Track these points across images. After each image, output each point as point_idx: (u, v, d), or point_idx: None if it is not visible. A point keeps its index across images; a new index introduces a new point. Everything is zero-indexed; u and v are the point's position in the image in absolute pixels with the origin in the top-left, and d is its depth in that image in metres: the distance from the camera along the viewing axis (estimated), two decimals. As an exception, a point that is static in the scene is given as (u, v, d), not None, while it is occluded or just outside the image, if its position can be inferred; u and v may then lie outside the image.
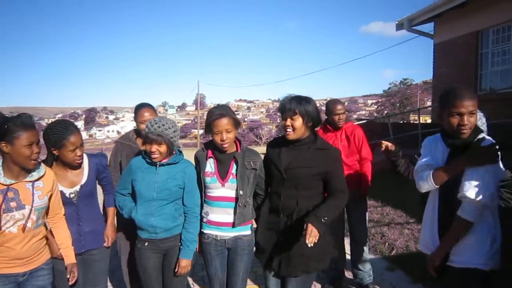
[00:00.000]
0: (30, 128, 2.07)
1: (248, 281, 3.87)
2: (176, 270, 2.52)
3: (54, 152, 2.37)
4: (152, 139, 2.40)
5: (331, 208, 2.29)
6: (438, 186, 2.08)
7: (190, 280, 3.91)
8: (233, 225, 2.50)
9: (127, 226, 2.79)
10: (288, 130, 2.35)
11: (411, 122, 22.18)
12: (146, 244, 2.55)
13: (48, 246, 2.35)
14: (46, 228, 2.36)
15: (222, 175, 2.51)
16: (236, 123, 2.47)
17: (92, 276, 2.59)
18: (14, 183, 2.11)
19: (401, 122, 23.15)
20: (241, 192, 2.48)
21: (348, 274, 3.91)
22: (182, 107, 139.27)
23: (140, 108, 3.09)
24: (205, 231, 2.58)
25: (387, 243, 4.84)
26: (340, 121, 3.56)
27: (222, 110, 2.45)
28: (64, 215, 2.43)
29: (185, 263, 2.51)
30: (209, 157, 2.55)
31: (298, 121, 2.33)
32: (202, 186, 2.55)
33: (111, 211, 2.75)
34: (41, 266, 2.27)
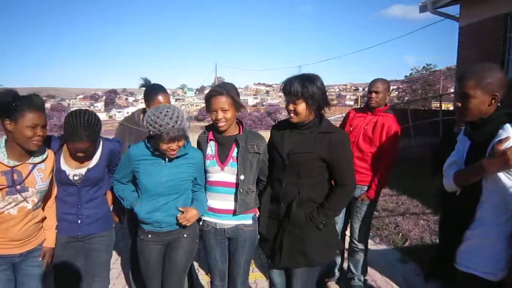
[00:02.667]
0: (37, 110, 2.01)
1: (255, 268, 3.83)
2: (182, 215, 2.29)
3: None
4: (176, 137, 2.15)
5: (332, 209, 2.25)
6: (461, 189, 1.86)
7: (196, 264, 3.86)
8: (234, 212, 2.37)
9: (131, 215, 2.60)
10: (291, 114, 2.23)
11: (433, 109, 21.61)
12: (149, 236, 2.37)
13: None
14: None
15: (222, 158, 2.38)
16: (236, 104, 2.32)
17: (91, 266, 2.47)
18: (18, 165, 2.07)
19: (422, 108, 22.59)
20: (242, 177, 2.33)
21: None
22: (201, 90, 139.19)
23: (156, 94, 2.81)
24: (204, 218, 2.47)
25: (401, 234, 4.70)
26: (372, 99, 3.24)
27: (221, 88, 2.30)
28: (56, 197, 2.33)
29: (194, 212, 2.31)
30: (210, 140, 2.42)
31: (301, 106, 2.18)
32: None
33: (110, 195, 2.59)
34: (38, 247, 2.24)
